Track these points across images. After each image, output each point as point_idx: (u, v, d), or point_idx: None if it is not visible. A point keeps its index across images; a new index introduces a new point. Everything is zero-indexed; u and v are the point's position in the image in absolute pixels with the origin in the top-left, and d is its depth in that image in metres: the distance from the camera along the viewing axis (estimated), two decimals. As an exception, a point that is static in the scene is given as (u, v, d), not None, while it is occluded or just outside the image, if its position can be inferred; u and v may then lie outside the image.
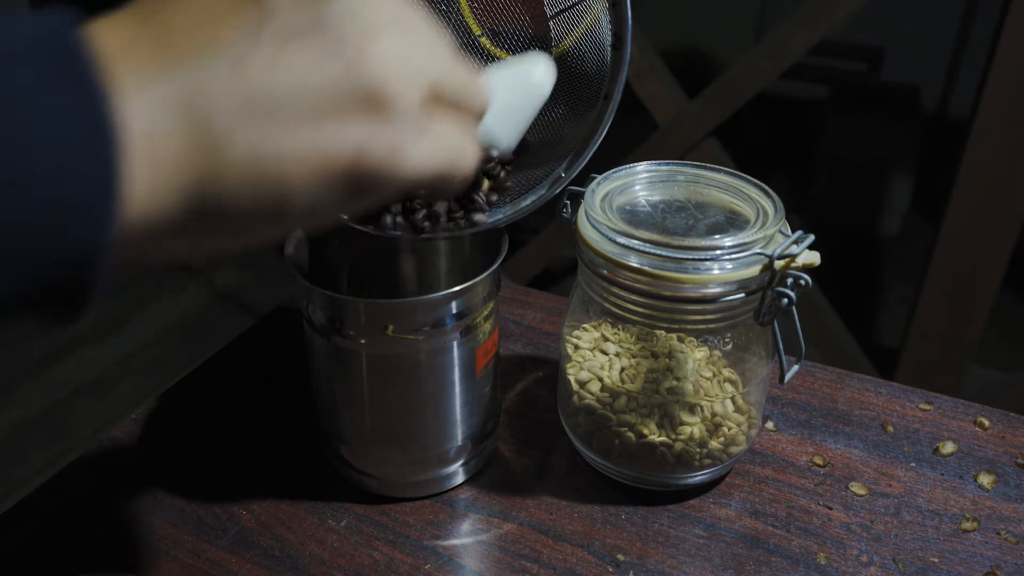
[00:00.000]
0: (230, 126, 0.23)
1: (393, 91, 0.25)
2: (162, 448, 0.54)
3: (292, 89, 0.23)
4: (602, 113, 0.44)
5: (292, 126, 0.23)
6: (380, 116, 0.25)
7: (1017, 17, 1.04)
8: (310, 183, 0.24)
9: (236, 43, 0.23)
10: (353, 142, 0.24)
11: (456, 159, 0.28)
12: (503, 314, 0.67)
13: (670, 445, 0.47)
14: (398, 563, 0.45)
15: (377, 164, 0.25)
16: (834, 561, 0.45)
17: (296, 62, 0.23)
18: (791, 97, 2.51)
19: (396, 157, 0.25)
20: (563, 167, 0.45)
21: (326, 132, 0.24)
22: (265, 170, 0.23)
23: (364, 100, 0.24)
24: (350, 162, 0.24)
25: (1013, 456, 0.53)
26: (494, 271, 0.45)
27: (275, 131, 0.23)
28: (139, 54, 0.22)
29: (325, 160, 0.24)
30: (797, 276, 0.41)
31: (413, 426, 0.47)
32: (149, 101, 0.22)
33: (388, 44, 0.25)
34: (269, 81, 0.23)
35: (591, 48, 0.44)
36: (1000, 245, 1.16)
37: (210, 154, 0.23)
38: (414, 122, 0.26)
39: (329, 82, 0.24)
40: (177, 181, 0.22)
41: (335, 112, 0.24)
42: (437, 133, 0.27)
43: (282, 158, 0.23)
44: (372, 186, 0.25)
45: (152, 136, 0.22)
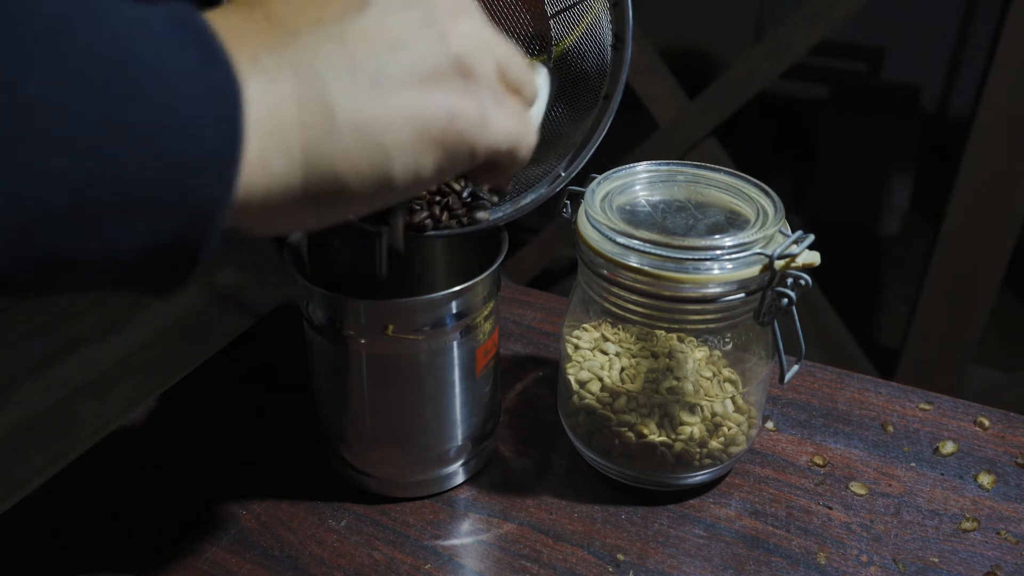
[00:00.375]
0: (339, 91, 0.25)
1: (476, 63, 0.28)
2: (162, 448, 0.54)
3: (391, 59, 0.26)
4: (602, 113, 0.44)
5: (394, 91, 0.26)
6: (467, 84, 0.27)
7: (1017, 17, 1.04)
8: (411, 145, 0.26)
9: (341, 19, 0.26)
10: (446, 106, 0.27)
11: (523, 133, 0.31)
12: (503, 314, 0.67)
13: (670, 445, 0.47)
14: (398, 563, 0.45)
15: (467, 128, 0.27)
16: (834, 561, 0.45)
17: (394, 35, 0.26)
18: (791, 97, 2.51)
19: (482, 122, 0.28)
20: (563, 166, 0.45)
21: (423, 96, 0.26)
22: (371, 131, 0.25)
23: (454, 69, 0.27)
24: (445, 125, 0.27)
25: (1013, 456, 0.53)
26: (494, 271, 0.45)
27: (379, 95, 0.25)
28: (252, 32, 0.25)
29: (424, 122, 0.26)
30: (797, 276, 0.41)
31: (413, 426, 0.47)
32: (265, 71, 0.24)
33: (468, 24, 0.28)
34: (371, 52, 0.26)
35: (591, 47, 0.44)
36: (1000, 245, 1.16)
37: (322, 117, 0.25)
38: (494, 93, 0.29)
39: (423, 52, 0.27)
40: (293, 145, 0.24)
41: (429, 79, 0.27)
42: (509, 107, 0.30)
43: (387, 119, 0.26)
44: (461, 150, 0.28)
45: (269, 101, 0.24)
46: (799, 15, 1.23)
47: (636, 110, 1.23)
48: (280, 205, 0.25)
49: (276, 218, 0.26)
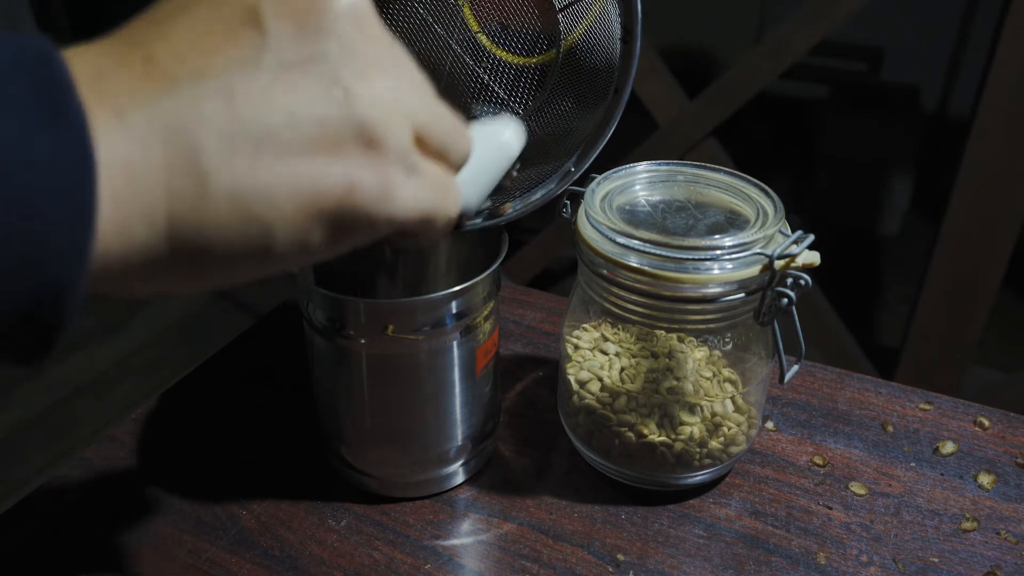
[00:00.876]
0: (217, 156, 0.22)
1: (385, 129, 0.25)
2: (162, 448, 0.54)
3: (285, 122, 0.23)
4: (612, 107, 0.43)
5: (283, 159, 0.23)
6: (371, 155, 0.24)
7: (1017, 17, 1.04)
8: (297, 218, 0.23)
9: (230, 72, 0.23)
10: (343, 179, 0.24)
11: (441, 205, 0.28)
12: (503, 314, 0.67)
13: (670, 445, 0.47)
14: (398, 563, 0.45)
15: (366, 203, 0.24)
16: (834, 561, 0.45)
17: (290, 95, 0.23)
18: (791, 97, 2.51)
19: (385, 197, 0.25)
20: (572, 161, 0.45)
21: (317, 166, 0.23)
22: (251, 203, 0.23)
23: (356, 138, 0.24)
24: (340, 198, 0.24)
25: (1013, 456, 0.53)
26: (494, 271, 0.45)
27: (265, 164, 0.23)
28: (125, 79, 0.22)
29: (314, 194, 0.23)
30: (797, 276, 0.41)
31: (413, 426, 0.47)
32: (131, 128, 0.21)
33: (382, 83, 0.25)
34: (262, 112, 0.23)
35: (600, 41, 0.43)
36: (1000, 245, 1.16)
37: (194, 185, 0.22)
38: (404, 163, 0.26)
39: (321, 118, 0.23)
40: (158, 212, 0.22)
41: (328, 147, 0.24)
42: (424, 176, 0.27)
43: (270, 191, 0.23)
44: (359, 224, 0.25)
45: (132, 164, 0.21)
46: (799, 15, 1.23)
47: (636, 110, 1.23)
48: (144, 272, 0.23)
49: (142, 283, 0.24)
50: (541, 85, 0.44)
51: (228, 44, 0.23)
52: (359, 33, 0.25)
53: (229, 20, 0.23)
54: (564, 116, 0.45)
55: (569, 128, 0.45)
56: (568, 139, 0.45)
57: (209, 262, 0.23)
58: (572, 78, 0.44)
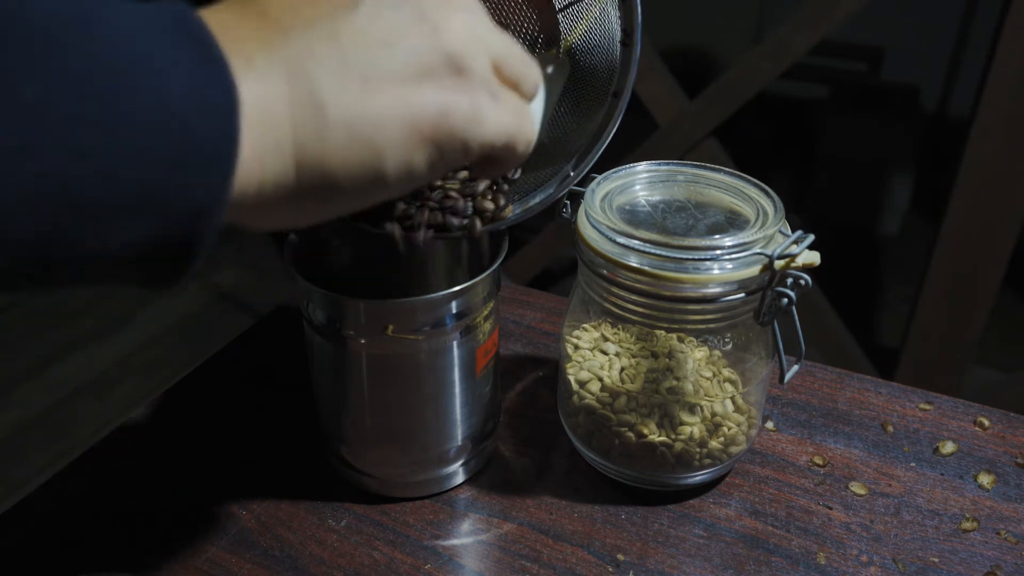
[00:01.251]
0: (331, 89, 0.25)
1: (469, 59, 0.28)
2: (162, 448, 0.54)
3: (384, 55, 0.26)
4: (612, 110, 0.43)
5: (385, 88, 0.26)
6: (460, 80, 0.28)
7: (1017, 17, 1.04)
8: (402, 142, 0.26)
9: (334, 17, 0.26)
10: (438, 102, 0.27)
11: (522, 128, 0.31)
12: (503, 314, 0.67)
13: (670, 445, 0.47)
14: (398, 563, 0.45)
15: (460, 124, 0.27)
16: (834, 561, 0.45)
17: (385, 32, 0.26)
18: (791, 97, 2.51)
19: (475, 118, 0.28)
20: (571, 165, 0.44)
21: (414, 93, 0.26)
22: (363, 128, 0.26)
23: (446, 65, 0.27)
24: (436, 121, 0.27)
25: (1013, 456, 0.53)
26: (494, 271, 0.45)
27: (370, 94, 0.26)
28: (247, 30, 0.25)
29: (414, 118, 0.26)
30: (797, 276, 0.41)
31: (413, 426, 0.47)
32: (258, 71, 0.24)
33: (462, 19, 0.28)
34: (363, 50, 0.26)
35: (600, 43, 0.43)
36: (1000, 245, 1.16)
37: (314, 116, 0.25)
38: (488, 88, 0.29)
39: (414, 49, 0.27)
40: (285, 143, 0.25)
41: (421, 75, 0.27)
42: (505, 102, 0.30)
43: (378, 116, 0.26)
44: (454, 146, 0.28)
45: (263, 102, 0.24)
46: (799, 15, 1.23)
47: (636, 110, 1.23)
48: (274, 201, 0.26)
49: (272, 214, 0.27)
50: None
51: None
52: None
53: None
54: (564, 118, 0.45)
55: (568, 131, 0.45)
56: (567, 142, 0.45)
57: (332, 187, 0.26)
58: (571, 80, 0.44)
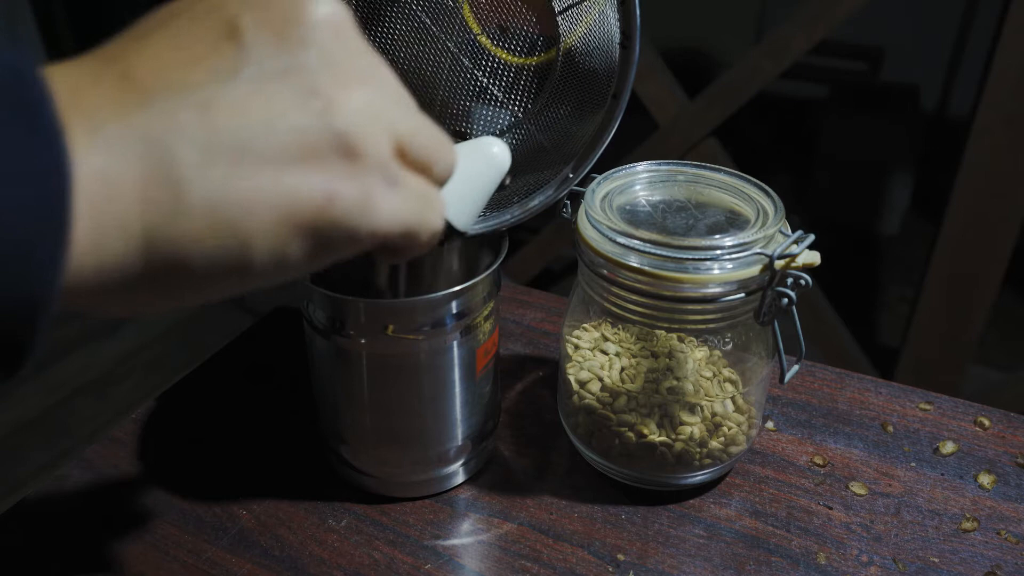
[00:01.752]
0: (193, 168, 0.22)
1: (364, 140, 0.24)
2: (162, 448, 0.54)
3: (263, 132, 0.23)
4: (611, 112, 0.43)
5: (260, 170, 0.23)
6: (350, 165, 0.24)
7: (1017, 17, 1.04)
8: (275, 230, 0.23)
9: (208, 85, 0.23)
10: (321, 189, 0.24)
11: (424, 218, 0.27)
12: (503, 314, 0.67)
13: (670, 445, 0.47)
14: (398, 563, 0.45)
15: (346, 214, 0.24)
16: (834, 561, 0.45)
17: (267, 107, 0.23)
18: (791, 97, 2.51)
19: (365, 208, 0.25)
20: (570, 168, 0.45)
21: (296, 177, 0.23)
22: (228, 214, 0.22)
23: (335, 148, 0.24)
24: (318, 210, 0.24)
25: (1013, 456, 0.53)
26: (494, 271, 0.45)
27: (242, 174, 0.22)
28: (101, 94, 0.22)
29: (292, 206, 0.23)
30: (797, 276, 0.41)
31: (413, 426, 0.47)
32: (107, 141, 0.21)
33: (360, 94, 0.25)
34: (239, 124, 0.23)
35: (599, 45, 0.43)
36: (1000, 245, 1.16)
37: (170, 196, 0.22)
38: (384, 174, 0.25)
39: (299, 127, 0.23)
40: (133, 225, 0.22)
41: (305, 158, 0.23)
42: (406, 188, 0.26)
43: (247, 202, 0.23)
44: (340, 237, 0.25)
45: (108, 178, 0.21)
46: (799, 15, 1.23)
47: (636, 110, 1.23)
48: (120, 287, 0.23)
49: (118, 300, 0.23)
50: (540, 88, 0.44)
51: (206, 57, 0.23)
52: (338, 44, 0.24)
53: (208, 33, 0.23)
54: (563, 120, 0.45)
55: (568, 133, 0.45)
56: (566, 144, 0.45)
57: (186, 277, 0.23)
58: (571, 81, 0.44)
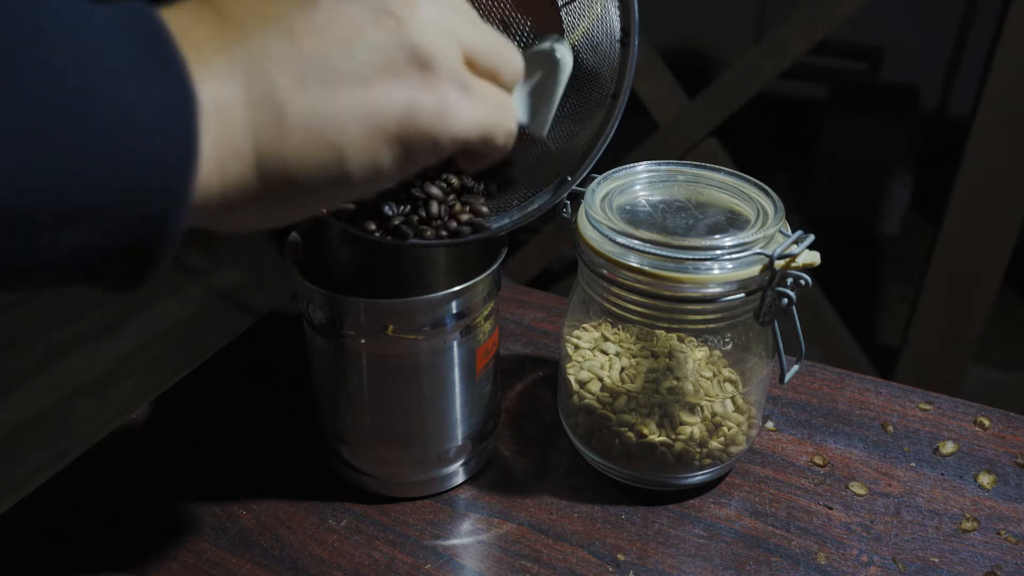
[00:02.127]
0: (290, 90, 0.24)
1: (436, 52, 0.27)
2: (162, 448, 0.54)
3: (344, 52, 0.25)
4: (610, 113, 0.43)
5: (345, 88, 0.25)
6: (426, 75, 0.26)
7: (1017, 17, 1.04)
8: (365, 142, 0.26)
9: (292, 13, 0.25)
10: (403, 100, 0.26)
11: (499, 120, 0.30)
12: (503, 314, 0.67)
13: (670, 445, 0.47)
14: (398, 563, 0.45)
15: (427, 121, 0.27)
16: (834, 561, 0.45)
17: (345, 29, 0.25)
18: (791, 97, 2.51)
19: (444, 114, 0.27)
20: (569, 169, 0.44)
21: (377, 92, 0.26)
22: (323, 130, 0.25)
23: (410, 61, 0.26)
24: (401, 119, 0.26)
25: (1013, 456, 0.53)
26: (494, 271, 0.45)
27: (330, 93, 0.25)
28: (205, 31, 0.24)
29: (378, 118, 0.26)
30: (797, 276, 0.41)
31: (413, 426, 0.47)
32: (216, 72, 0.24)
33: (428, 10, 0.27)
34: (322, 48, 0.25)
35: (601, 42, 0.43)
36: (1000, 245, 1.16)
37: (273, 118, 0.24)
38: (457, 82, 0.27)
39: (376, 45, 0.26)
40: (245, 146, 0.24)
41: (384, 73, 0.26)
42: (479, 93, 0.29)
43: (338, 118, 0.25)
44: (423, 144, 0.27)
45: (222, 105, 0.24)
46: (799, 15, 1.23)
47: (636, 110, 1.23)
48: (239, 204, 0.25)
49: (238, 216, 0.26)
50: None
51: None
52: None
53: None
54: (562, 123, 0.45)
55: (569, 134, 0.45)
56: (566, 146, 0.45)
57: (294, 190, 0.26)
58: (573, 80, 0.44)
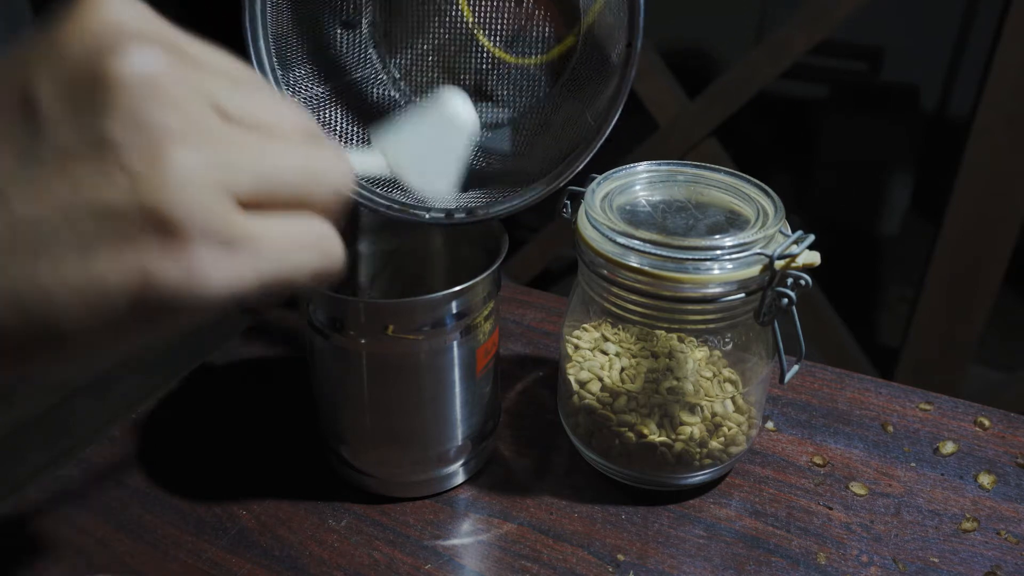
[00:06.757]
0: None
1: (185, 211, 0.22)
2: (162, 448, 0.54)
3: (61, 219, 0.21)
4: (627, 61, 0.42)
5: (62, 259, 0.21)
6: (168, 239, 0.22)
7: (1017, 17, 1.04)
8: (86, 315, 0.22)
9: (5, 173, 0.21)
10: (136, 270, 0.22)
11: (298, 258, 0.25)
12: (503, 314, 0.67)
13: (670, 445, 0.47)
14: (398, 563, 0.45)
15: (170, 289, 0.22)
16: (834, 561, 0.45)
17: (69, 188, 0.21)
18: (791, 97, 2.51)
19: (193, 279, 0.23)
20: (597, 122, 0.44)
21: (104, 263, 0.22)
22: (32, 307, 0.22)
23: (146, 223, 0.22)
24: (135, 292, 0.22)
25: (1013, 456, 0.53)
26: (494, 271, 0.45)
27: (44, 267, 0.21)
28: None
29: (101, 293, 0.22)
30: (797, 276, 0.41)
31: (413, 426, 0.47)
32: None
33: (182, 157, 0.22)
34: (38, 212, 0.21)
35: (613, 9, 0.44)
36: (1000, 245, 1.16)
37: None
38: (216, 239, 0.23)
39: (105, 208, 0.21)
40: None
41: (114, 240, 0.22)
42: (255, 241, 0.24)
43: (49, 293, 0.22)
44: (167, 315, 0.23)
45: None
46: (799, 15, 1.23)
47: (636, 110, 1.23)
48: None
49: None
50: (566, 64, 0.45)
51: (1, 138, 0.21)
52: (151, 102, 0.22)
53: (2, 110, 0.21)
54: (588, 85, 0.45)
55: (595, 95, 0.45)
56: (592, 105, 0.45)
57: (12, 356, 0.23)
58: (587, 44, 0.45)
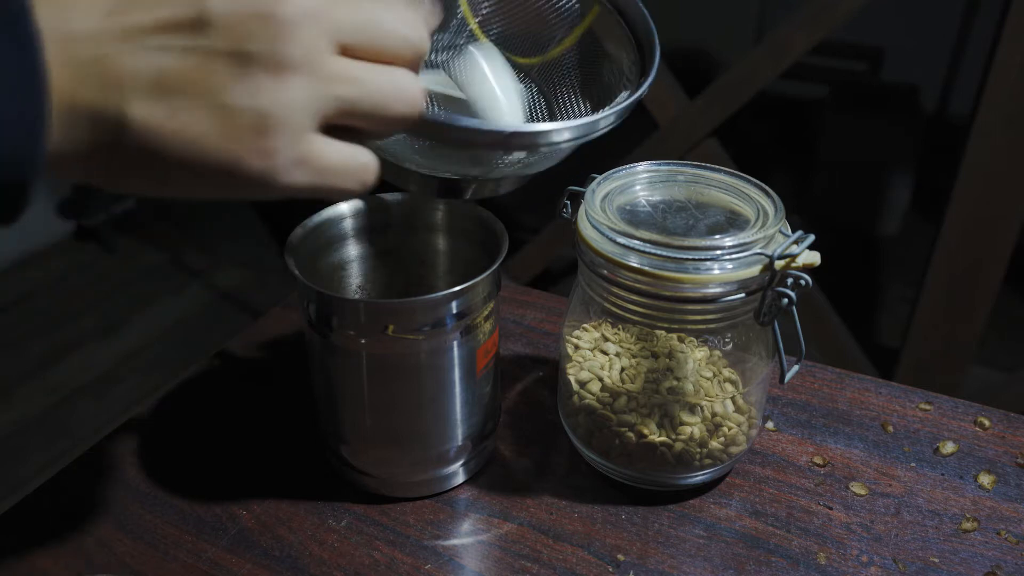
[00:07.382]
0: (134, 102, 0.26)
1: (280, 125, 0.27)
2: (162, 448, 0.54)
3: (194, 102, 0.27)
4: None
5: (191, 112, 0.26)
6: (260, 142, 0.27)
7: (1017, 17, 1.04)
8: (184, 164, 0.27)
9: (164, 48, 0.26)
10: (229, 156, 0.27)
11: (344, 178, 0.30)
12: (503, 314, 0.67)
13: (670, 445, 0.47)
14: (398, 563, 0.45)
15: (247, 180, 0.28)
16: (834, 561, 0.45)
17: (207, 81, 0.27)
18: (791, 97, 2.51)
19: (271, 178, 0.28)
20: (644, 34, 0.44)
21: (212, 139, 0.27)
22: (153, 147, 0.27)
23: (251, 125, 0.27)
24: (226, 171, 0.27)
25: (1013, 456, 0.53)
26: (494, 271, 0.45)
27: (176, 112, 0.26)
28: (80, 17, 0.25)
29: (200, 155, 0.27)
30: (797, 276, 0.41)
31: (413, 426, 0.47)
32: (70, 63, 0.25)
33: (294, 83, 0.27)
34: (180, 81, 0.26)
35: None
36: (1000, 245, 1.16)
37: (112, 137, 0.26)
38: (296, 156, 0.28)
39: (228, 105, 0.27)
40: (89, 130, 0.26)
41: (224, 130, 0.27)
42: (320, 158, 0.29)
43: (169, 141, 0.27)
44: (243, 192, 0.29)
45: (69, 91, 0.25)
46: (799, 15, 1.23)
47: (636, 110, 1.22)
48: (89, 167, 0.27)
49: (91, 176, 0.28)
50: None
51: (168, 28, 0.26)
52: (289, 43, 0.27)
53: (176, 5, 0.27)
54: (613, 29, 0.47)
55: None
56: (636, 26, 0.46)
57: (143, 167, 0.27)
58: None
